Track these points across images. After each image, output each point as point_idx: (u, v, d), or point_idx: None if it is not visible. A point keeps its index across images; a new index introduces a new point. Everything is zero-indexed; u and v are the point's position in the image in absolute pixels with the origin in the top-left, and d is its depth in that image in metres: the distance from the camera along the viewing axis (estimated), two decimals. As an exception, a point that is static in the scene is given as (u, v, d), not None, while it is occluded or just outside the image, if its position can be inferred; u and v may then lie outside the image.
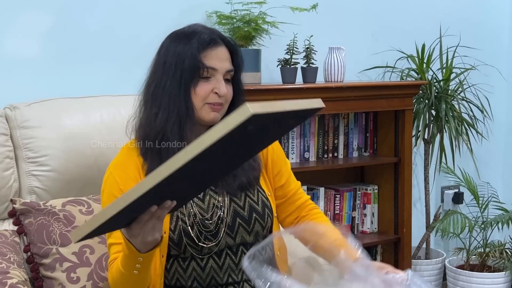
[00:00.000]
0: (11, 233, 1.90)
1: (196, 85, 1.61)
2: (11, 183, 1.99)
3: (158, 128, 1.61)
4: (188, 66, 1.59)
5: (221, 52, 1.63)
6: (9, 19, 2.33)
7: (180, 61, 1.60)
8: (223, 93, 1.62)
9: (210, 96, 1.62)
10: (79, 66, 2.46)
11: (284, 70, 2.71)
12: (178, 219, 1.63)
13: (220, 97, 1.62)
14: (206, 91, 1.61)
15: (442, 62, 3.25)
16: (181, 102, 1.60)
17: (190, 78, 1.60)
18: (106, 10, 2.51)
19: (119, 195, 1.58)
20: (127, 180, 1.63)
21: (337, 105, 2.76)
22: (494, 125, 3.54)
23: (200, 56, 1.60)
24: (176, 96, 1.60)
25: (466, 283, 3.20)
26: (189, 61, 1.59)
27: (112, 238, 1.63)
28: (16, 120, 2.03)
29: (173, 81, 1.60)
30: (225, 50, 1.64)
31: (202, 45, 1.60)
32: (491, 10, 3.63)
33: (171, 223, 1.63)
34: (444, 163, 3.28)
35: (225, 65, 1.63)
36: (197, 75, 1.60)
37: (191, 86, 1.60)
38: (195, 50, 1.59)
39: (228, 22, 2.65)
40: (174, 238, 1.62)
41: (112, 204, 1.26)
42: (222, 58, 1.63)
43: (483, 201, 3.33)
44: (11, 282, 1.67)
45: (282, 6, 2.74)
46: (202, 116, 1.62)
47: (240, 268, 1.66)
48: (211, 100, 1.62)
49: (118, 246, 1.61)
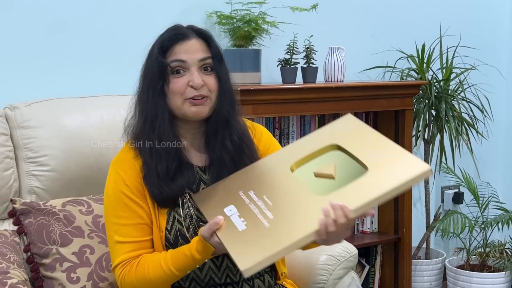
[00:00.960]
0: (11, 233, 1.90)
1: (168, 83, 1.60)
2: (11, 183, 1.99)
3: (137, 131, 1.65)
4: (153, 67, 1.61)
5: (189, 44, 1.61)
6: (9, 19, 2.33)
7: (148, 65, 1.63)
8: (197, 85, 1.59)
9: (187, 91, 1.60)
10: (79, 66, 2.46)
11: (284, 70, 2.71)
12: (174, 220, 1.63)
13: (198, 89, 1.60)
14: (180, 86, 1.60)
15: (442, 62, 3.25)
16: (150, 105, 1.61)
17: (157, 79, 1.60)
18: (106, 10, 2.51)
19: (125, 191, 1.61)
20: (131, 175, 1.63)
21: (337, 105, 2.76)
22: (494, 125, 3.54)
23: (166, 54, 1.60)
24: (146, 100, 1.62)
25: (466, 283, 3.20)
26: (154, 62, 1.61)
27: (120, 236, 1.61)
28: (16, 120, 2.03)
29: (144, 85, 1.64)
30: (196, 41, 1.62)
31: (164, 43, 1.61)
32: (491, 10, 3.63)
33: (167, 223, 1.62)
34: (444, 163, 3.28)
35: (195, 56, 1.61)
36: (165, 74, 1.60)
37: (163, 86, 1.60)
38: (157, 50, 1.61)
39: (228, 22, 2.66)
40: (170, 238, 1.62)
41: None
42: (191, 49, 1.61)
43: (483, 201, 3.33)
44: (11, 282, 1.68)
45: (282, 6, 2.74)
46: (186, 112, 1.61)
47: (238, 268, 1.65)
48: (189, 94, 1.60)
49: (129, 245, 1.61)
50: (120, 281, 1.61)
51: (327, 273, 2.01)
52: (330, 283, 2.02)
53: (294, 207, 1.47)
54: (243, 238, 1.45)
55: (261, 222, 1.47)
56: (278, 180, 1.57)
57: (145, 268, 1.58)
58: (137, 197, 1.62)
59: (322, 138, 1.63)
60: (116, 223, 1.62)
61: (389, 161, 1.48)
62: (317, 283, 2.01)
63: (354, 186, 1.46)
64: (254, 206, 1.52)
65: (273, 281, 1.75)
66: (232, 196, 1.57)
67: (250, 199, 1.54)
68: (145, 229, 1.63)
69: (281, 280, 1.78)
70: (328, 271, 2.01)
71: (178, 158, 1.63)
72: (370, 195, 1.41)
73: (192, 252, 1.52)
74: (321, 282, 2.01)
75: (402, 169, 1.45)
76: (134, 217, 1.62)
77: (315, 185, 1.51)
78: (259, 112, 2.52)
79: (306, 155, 1.59)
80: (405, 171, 1.43)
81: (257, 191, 1.56)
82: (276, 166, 1.62)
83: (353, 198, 1.41)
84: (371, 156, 1.52)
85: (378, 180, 1.44)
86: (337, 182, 1.50)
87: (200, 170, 1.69)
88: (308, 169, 1.57)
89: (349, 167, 1.53)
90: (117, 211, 1.63)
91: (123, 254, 1.61)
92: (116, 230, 1.62)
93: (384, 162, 1.49)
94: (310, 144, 1.62)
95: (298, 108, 2.66)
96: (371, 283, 3.05)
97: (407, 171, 1.43)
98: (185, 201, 1.65)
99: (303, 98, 2.65)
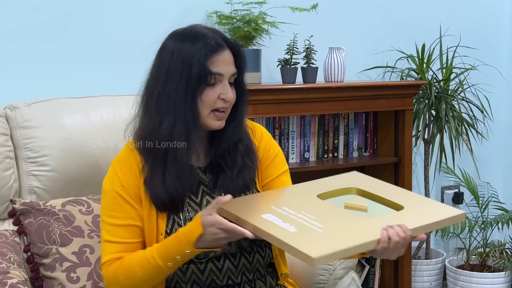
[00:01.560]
0: (11, 233, 1.90)
1: (202, 93, 1.57)
2: (11, 183, 1.99)
3: (163, 136, 1.58)
4: (195, 73, 1.55)
5: (226, 56, 1.59)
6: (9, 19, 2.33)
7: (186, 67, 1.55)
8: (230, 99, 1.60)
9: (216, 102, 1.59)
10: (79, 66, 2.46)
11: (284, 70, 2.71)
12: (174, 223, 1.62)
13: (226, 103, 1.60)
14: (212, 98, 1.58)
15: (442, 62, 3.26)
16: (187, 110, 1.57)
17: (197, 86, 1.56)
18: (106, 10, 2.51)
19: (120, 191, 1.61)
20: (129, 177, 1.62)
21: (337, 105, 2.76)
22: (494, 125, 3.54)
23: (208, 62, 1.55)
24: (182, 105, 1.56)
25: (466, 283, 3.20)
26: (196, 68, 1.55)
27: (110, 236, 1.61)
28: (16, 120, 2.03)
29: (178, 88, 1.56)
30: (229, 53, 1.60)
31: (209, 51, 1.55)
32: (491, 10, 3.63)
33: (167, 226, 1.62)
34: (444, 163, 3.29)
35: (230, 69, 1.59)
36: (204, 83, 1.57)
37: (198, 93, 1.57)
38: (203, 57, 1.55)
39: (228, 22, 2.66)
40: None
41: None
42: (227, 62, 1.59)
43: (483, 201, 3.33)
44: (11, 282, 1.68)
45: (282, 6, 2.74)
46: (208, 123, 1.61)
47: (240, 270, 1.65)
48: (217, 105, 1.59)
49: (116, 245, 1.61)
50: (107, 280, 1.62)
51: (327, 273, 2.01)
52: (330, 283, 2.01)
53: (340, 221, 1.46)
54: (301, 236, 1.38)
55: (312, 228, 1.41)
56: (312, 203, 1.53)
57: (130, 264, 1.57)
58: (132, 199, 1.62)
59: (337, 183, 1.63)
60: (108, 222, 1.63)
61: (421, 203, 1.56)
62: (317, 283, 2.01)
63: (398, 215, 1.49)
64: (295, 217, 1.46)
65: (274, 281, 1.75)
66: (265, 208, 1.50)
67: (288, 212, 1.48)
68: (136, 231, 1.62)
69: (282, 281, 1.78)
70: (328, 271, 2.01)
71: (181, 162, 1.61)
72: (425, 220, 1.47)
73: (177, 233, 1.51)
74: (321, 282, 2.01)
75: (438, 208, 1.55)
76: (126, 218, 1.61)
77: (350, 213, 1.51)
78: (259, 112, 2.52)
79: (330, 190, 1.58)
80: (443, 210, 1.53)
81: (292, 207, 1.50)
82: (302, 192, 1.59)
83: (407, 221, 1.44)
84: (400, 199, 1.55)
85: (423, 213, 1.51)
86: (370, 214, 1.51)
87: (200, 170, 1.68)
88: (336, 201, 1.55)
89: (379, 205, 1.55)
90: (110, 211, 1.63)
91: (110, 254, 1.61)
92: (108, 229, 1.62)
93: (417, 204, 1.54)
94: (329, 184, 1.62)
95: (298, 108, 2.66)
96: (371, 283, 3.05)
97: (445, 210, 1.53)
98: (185, 204, 1.64)
99: (303, 98, 2.65)
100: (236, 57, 1.62)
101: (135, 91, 1.69)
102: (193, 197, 1.66)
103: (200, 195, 1.67)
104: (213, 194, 1.67)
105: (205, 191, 1.67)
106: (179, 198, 1.62)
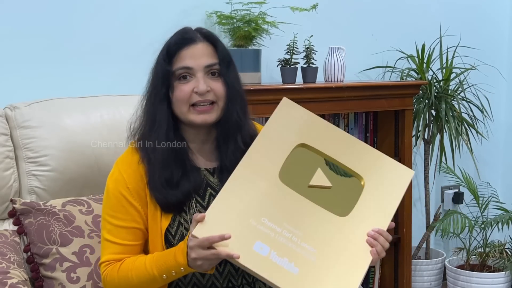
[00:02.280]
0: (11, 233, 1.90)
1: (173, 90, 1.59)
2: (11, 183, 1.99)
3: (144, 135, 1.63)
4: (158, 74, 1.60)
5: (196, 49, 1.60)
6: (9, 19, 2.33)
7: (155, 70, 1.63)
8: (202, 90, 1.57)
9: (192, 97, 1.59)
10: (79, 66, 2.46)
11: (284, 70, 2.71)
12: (180, 225, 1.62)
13: (203, 95, 1.58)
14: (185, 92, 1.58)
15: (442, 62, 3.26)
16: (155, 110, 1.61)
17: (161, 85, 1.60)
18: (106, 10, 2.51)
19: (125, 193, 1.60)
20: (134, 178, 1.62)
21: (337, 105, 2.76)
22: (494, 125, 3.54)
23: (172, 59, 1.59)
24: (151, 106, 1.62)
25: (466, 283, 3.20)
26: (158, 69, 1.61)
27: (111, 236, 1.62)
28: (16, 120, 2.03)
29: (150, 91, 1.63)
30: (202, 46, 1.61)
31: (170, 48, 1.60)
32: (491, 10, 3.63)
33: (171, 227, 1.61)
34: (444, 163, 3.29)
35: (201, 61, 1.59)
36: (169, 80, 1.59)
37: (167, 93, 1.60)
38: (162, 56, 1.60)
39: (228, 22, 2.66)
40: (174, 243, 1.61)
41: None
42: (197, 54, 1.59)
43: (483, 201, 3.33)
44: (11, 282, 1.68)
45: (282, 6, 2.74)
46: (191, 119, 1.60)
47: (240, 273, 1.65)
48: (193, 100, 1.59)
49: (117, 246, 1.61)
50: (103, 279, 1.63)
51: (327, 273, 2.01)
52: (330, 283, 2.01)
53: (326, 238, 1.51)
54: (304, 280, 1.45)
55: (308, 259, 1.47)
56: (282, 201, 1.54)
57: (128, 269, 1.58)
58: (136, 201, 1.62)
59: (280, 136, 1.62)
60: (110, 222, 1.63)
61: (375, 167, 1.62)
62: (317, 283, 2.01)
63: (367, 204, 1.57)
64: (283, 238, 1.48)
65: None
66: (247, 229, 1.48)
67: (271, 229, 1.49)
68: (138, 234, 1.63)
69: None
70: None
71: (184, 163, 1.61)
72: (390, 210, 1.57)
73: (175, 249, 1.51)
74: (321, 282, 2.01)
75: (394, 176, 1.62)
76: (129, 220, 1.62)
77: (317, 198, 1.55)
78: (259, 112, 2.52)
79: (282, 161, 1.58)
80: (400, 181, 1.62)
81: (271, 217, 1.50)
82: (263, 179, 1.55)
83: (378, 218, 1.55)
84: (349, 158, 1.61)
85: (384, 194, 1.59)
86: (333, 189, 1.58)
87: (208, 172, 1.68)
88: (296, 176, 1.57)
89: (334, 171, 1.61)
90: (113, 211, 1.63)
91: (110, 254, 1.62)
92: (109, 229, 1.63)
93: (372, 169, 1.61)
94: (273, 145, 1.60)
95: (298, 108, 2.66)
96: (371, 283, 3.05)
97: (402, 180, 1.62)
98: (191, 206, 1.63)
99: (303, 98, 2.65)
100: (217, 48, 1.62)
101: (135, 91, 1.70)
102: (200, 200, 1.65)
103: (207, 198, 1.66)
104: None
105: (212, 194, 1.66)
106: (183, 199, 1.61)
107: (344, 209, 1.55)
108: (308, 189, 1.56)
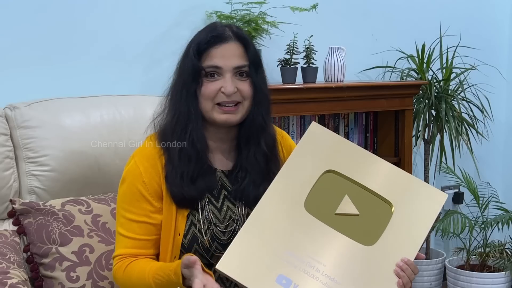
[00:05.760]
0: (11, 233, 1.90)
1: (200, 86, 1.58)
2: (11, 183, 1.99)
3: (166, 130, 1.62)
4: (188, 69, 1.58)
5: (226, 48, 1.59)
6: (9, 19, 2.33)
7: (183, 65, 1.60)
8: (229, 92, 1.57)
9: (218, 96, 1.58)
10: (79, 66, 2.46)
11: (284, 70, 2.71)
12: (191, 225, 1.62)
13: (229, 96, 1.58)
14: (211, 90, 1.58)
15: (442, 62, 3.26)
16: (182, 106, 1.59)
17: (190, 81, 1.58)
18: (106, 10, 2.51)
19: (141, 188, 1.60)
20: (151, 173, 1.61)
21: (337, 105, 2.76)
22: (494, 125, 3.54)
23: (202, 56, 1.57)
24: (179, 101, 1.60)
25: (466, 283, 3.20)
26: (188, 64, 1.58)
27: (124, 230, 1.62)
28: (16, 120, 2.03)
29: (178, 85, 1.61)
30: (234, 46, 1.59)
31: (200, 46, 1.58)
32: (491, 10, 3.63)
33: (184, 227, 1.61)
34: (444, 163, 3.28)
35: (231, 62, 1.58)
36: (199, 77, 1.58)
37: (195, 88, 1.58)
38: (193, 53, 1.58)
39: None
40: (185, 243, 1.61)
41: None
42: (227, 55, 1.58)
43: (483, 201, 3.33)
44: (11, 282, 1.68)
45: (282, 6, 2.74)
46: (214, 117, 1.60)
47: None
48: (219, 99, 1.58)
49: (130, 241, 1.61)
50: (114, 272, 1.64)
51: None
52: (330, 283, 2.01)
53: (351, 269, 1.46)
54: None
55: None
56: (307, 232, 1.49)
57: (132, 272, 1.58)
58: (152, 197, 1.61)
59: (307, 162, 1.58)
60: (123, 215, 1.63)
61: (406, 191, 1.56)
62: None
63: (395, 232, 1.51)
64: (307, 270, 1.44)
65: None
66: (270, 261, 1.45)
67: (294, 261, 1.45)
68: (151, 229, 1.62)
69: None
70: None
71: (202, 161, 1.61)
72: (419, 239, 1.51)
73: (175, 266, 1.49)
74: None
75: (426, 201, 1.55)
76: (142, 215, 1.61)
77: (343, 227, 1.51)
78: (259, 112, 2.52)
79: (308, 189, 1.54)
80: (431, 206, 1.54)
81: (294, 249, 1.46)
82: (287, 210, 1.52)
83: (405, 247, 1.50)
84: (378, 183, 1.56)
85: (413, 221, 1.52)
86: (361, 217, 1.53)
87: (223, 174, 1.67)
88: (322, 204, 1.53)
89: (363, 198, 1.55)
90: (127, 204, 1.62)
91: (123, 248, 1.62)
92: (122, 222, 1.63)
93: (402, 194, 1.55)
94: (300, 172, 1.57)
95: (298, 108, 2.66)
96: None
97: (433, 206, 1.54)
98: (204, 205, 1.63)
99: (303, 98, 2.65)
100: (247, 49, 1.61)
101: (135, 91, 1.70)
102: (214, 201, 1.64)
103: (221, 200, 1.65)
104: (234, 201, 1.65)
105: (226, 197, 1.66)
106: (197, 196, 1.61)
107: (371, 238, 1.50)
108: (335, 217, 1.52)
